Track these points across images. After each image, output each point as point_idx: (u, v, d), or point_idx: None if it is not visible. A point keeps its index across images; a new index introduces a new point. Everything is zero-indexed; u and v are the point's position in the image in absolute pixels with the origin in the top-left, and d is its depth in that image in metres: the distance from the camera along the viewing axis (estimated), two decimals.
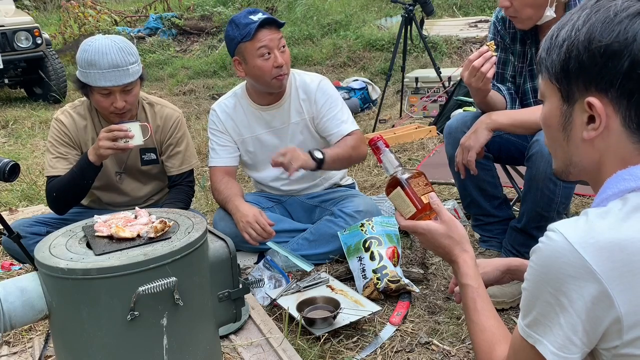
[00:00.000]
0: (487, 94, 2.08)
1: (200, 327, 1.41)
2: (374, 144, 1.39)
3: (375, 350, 1.89)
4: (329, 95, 2.49)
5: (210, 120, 2.60)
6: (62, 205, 2.34)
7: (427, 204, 1.30)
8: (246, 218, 2.34)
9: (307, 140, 2.53)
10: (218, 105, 2.59)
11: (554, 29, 1.00)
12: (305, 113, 2.50)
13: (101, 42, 2.16)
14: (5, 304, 1.27)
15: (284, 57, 2.35)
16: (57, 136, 2.33)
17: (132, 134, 2.15)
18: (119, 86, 2.16)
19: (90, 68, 2.13)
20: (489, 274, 1.39)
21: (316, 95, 2.48)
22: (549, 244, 0.89)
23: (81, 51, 2.17)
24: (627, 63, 0.89)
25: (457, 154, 2.09)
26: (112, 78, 2.13)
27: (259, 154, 2.58)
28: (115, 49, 2.14)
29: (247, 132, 2.54)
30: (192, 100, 6.90)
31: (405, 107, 5.45)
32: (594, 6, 0.94)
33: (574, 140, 0.98)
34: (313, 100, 2.48)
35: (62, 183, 2.25)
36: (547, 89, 1.01)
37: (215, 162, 2.57)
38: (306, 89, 2.50)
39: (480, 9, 9.04)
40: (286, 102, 2.50)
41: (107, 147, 2.13)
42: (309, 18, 8.82)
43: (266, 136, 2.54)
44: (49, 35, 7.98)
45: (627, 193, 0.91)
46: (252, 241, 2.35)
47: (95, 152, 2.17)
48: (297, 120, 2.51)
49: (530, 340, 0.93)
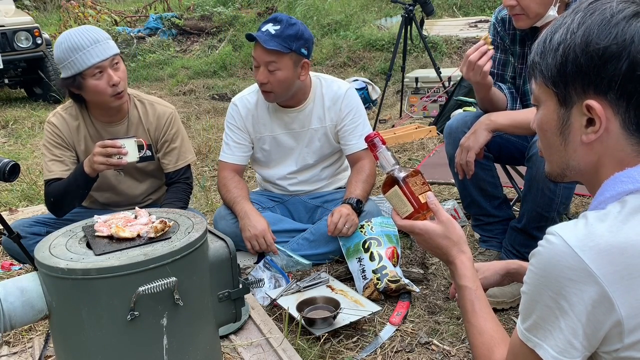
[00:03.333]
0: (489, 88, 2.08)
1: (200, 327, 1.41)
2: (371, 140, 1.36)
3: (375, 350, 1.89)
4: (354, 106, 2.50)
5: (229, 113, 2.58)
6: (60, 209, 2.34)
7: (424, 204, 1.29)
8: (255, 230, 2.34)
9: (324, 147, 2.55)
10: (240, 99, 2.57)
11: (546, 33, 0.99)
12: (327, 120, 2.50)
13: (71, 31, 2.20)
14: (5, 304, 1.27)
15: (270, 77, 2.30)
16: (51, 139, 2.33)
17: (125, 150, 2.14)
18: (107, 59, 2.17)
19: (74, 53, 2.14)
20: (489, 278, 1.38)
21: (342, 104, 2.48)
22: (548, 247, 0.89)
23: (57, 48, 2.18)
24: (625, 65, 0.89)
25: (457, 154, 2.09)
26: (98, 52, 2.15)
27: (273, 152, 2.59)
28: (88, 29, 2.20)
29: (265, 130, 2.54)
30: (192, 100, 6.90)
31: (405, 107, 5.45)
32: (588, 9, 0.94)
33: (572, 143, 0.98)
34: (338, 109, 2.49)
35: (59, 190, 2.26)
36: (542, 93, 1.00)
37: (226, 157, 2.57)
38: (333, 96, 2.49)
39: (480, 9, 9.04)
40: (308, 107, 2.50)
41: (101, 162, 2.14)
42: (309, 18, 8.81)
43: (284, 137, 2.55)
44: (49, 35, 7.97)
45: (624, 195, 0.91)
46: (252, 251, 2.38)
47: (90, 165, 2.18)
48: (317, 127, 2.52)
49: (530, 344, 0.93)
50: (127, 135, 2.29)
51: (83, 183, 2.24)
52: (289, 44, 2.27)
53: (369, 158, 2.48)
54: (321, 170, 2.62)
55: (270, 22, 2.31)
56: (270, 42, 2.25)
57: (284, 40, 2.26)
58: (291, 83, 2.36)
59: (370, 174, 2.47)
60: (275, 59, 2.28)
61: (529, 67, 1.05)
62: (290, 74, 2.33)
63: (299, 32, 2.29)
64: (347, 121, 2.49)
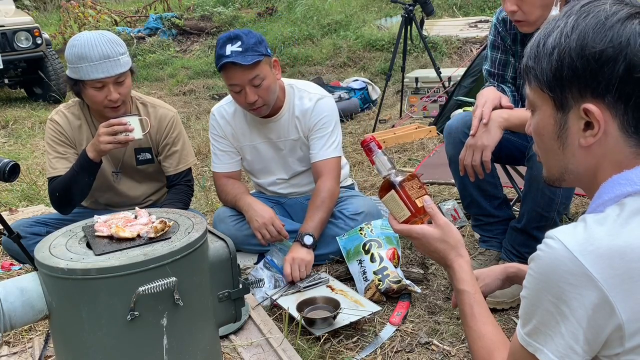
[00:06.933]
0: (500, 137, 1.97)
1: (200, 327, 1.41)
2: (367, 145, 1.36)
3: (375, 351, 1.89)
4: (322, 116, 2.46)
5: (210, 124, 2.59)
6: (66, 204, 2.33)
7: (421, 208, 1.29)
8: (262, 219, 2.33)
9: (307, 155, 2.53)
10: (217, 109, 2.57)
11: (538, 37, 0.98)
12: (300, 131, 2.49)
13: (89, 36, 2.16)
14: (5, 304, 1.27)
15: (260, 92, 2.28)
16: (54, 136, 2.32)
17: (131, 127, 2.14)
18: (111, 77, 2.15)
19: (81, 62, 2.12)
20: (490, 284, 1.38)
21: (311, 115, 2.46)
22: (548, 251, 0.89)
23: (69, 47, 2.17)
24: (622, 67, 0.88)
25: (466, 155, 1.99)
26: (104, 69, 2.13)
27: (256, 162, 2.58)
28: (104, 41, 2.15)
29: (245, 140, 2.54)
30: (192, 100, 6.90)
31: (405, 107, 5.44)
32: (581, 11, 0.93)
33: (570, 147, 0.97)
34: (308, 120, 2.46)
35: (63, 182, 2.25)
36: (538, 98, 0.99)
37: (217, 167, 2.58)
38: (303, 108, 2.47)
39: (480, 9, 9.04)
40: (284, 117, 2.48)
41: (107, 141, 2.12)
42: (309, 18, 8.82)
43: (262, 146, 2.54)
44: (49, 35, 7.97)
45: (623, 198, 0.90)
46: (263, 241, 2.36)
47: (95, 148, 2.17)
48: (296, 137, 2.50)
49: (530, 349, 0.93)
50: (131, 113, 2.27)
51: (88, 170, 2.22)
52: (259, 51, 2.25)
53: (328, 174, 2.42)
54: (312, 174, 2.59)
55: (227, 43, 2.23)
56: (247, 57, 2.21)
57: (254, 50, 2.23)
58: (274, 87, 2.35)
59: (328, 196, 2.37)
60: (257, 71, 2.24)
61: (522, 71, 1.03)
62: (272, 79, 2.32)
63: (257, 37, 2.28)
64: (314, 130, 2.46)
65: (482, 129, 1.95)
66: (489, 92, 2.04)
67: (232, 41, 2.23)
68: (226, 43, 2.24)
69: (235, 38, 2.24)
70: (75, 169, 2.23)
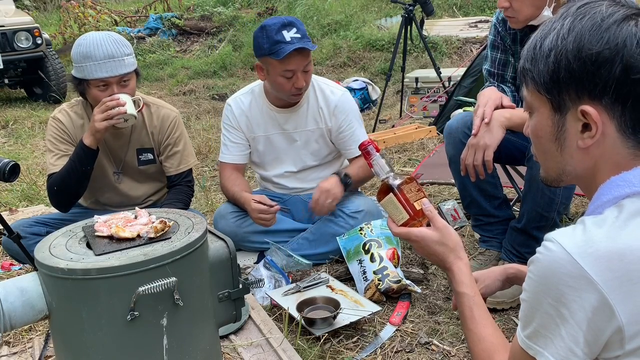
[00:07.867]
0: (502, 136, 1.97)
1: (200, 327, 1.41)
2: (364, 148, 1.36)
3: (375, 351, 1.89)
4: (348, 112, 2.50)
5: (224, 114, 2.60)
6: (65, 198, 2.32)
7: (419, 210, 1.29)
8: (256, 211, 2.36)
9: (322, 148, 2.56)
10: (234, 100, 2.58)
11: (535, 39, 0.98)
12: (323, 123, 2.51)
13: (95, 35, 2.18)
14: (5, 304, 1.27)
15: (306, 77, 2.35)
16: (56, 134, 2.32)
17: (123, 101, 2.14)
18: (115, 76, 2.15)
19: (86, 60, 2.13)
20: (490, 286, 1.37)
21: (335, 109, 2.49)
22: (547, 254, 0.88)
23: (76, 46, 2.17)
24: (619, 69, 0.88)
25: (467, 155, 1.98)
26: (109, 69, 2.14)
27: (268, 153, 2.59)
28: (110, 41, 2.15)
29: (259, 130, 2.55)
30: (192, 100, 6.90)
31: (405, 107, 5.45)
32: (577, 13, 0.93)
33: (568, 149, 0.97)
34: (332, 113, 2.49)
35: (61, 175, 2.24)
36: (535, 100, 0.99)
37: (225, 157, 2.59)
38: (327, 100, 2.50)
39: (480, 9, 9.04)
40: (303, 107, 2.50)
41: (101, 119, 2.12)
42: (309, 18, 8.82)
43: (277, 137, 2.55)
44: (49, 36, 7.97)
45: (621, 199, 0.90)
46: (267, 224, 2.39)
47: (91, 132, 2.17)
48: (314, 128, 2.52)
49: (530, 352, 0.92)
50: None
51: (85, 158, 2.21)
52: (310, 39, 2.35)
53: None
54: (322, 170, 2.62)
55: (283, 30, 2.26)
56: (308, 43, 2.29)
57: (309, 38, 2.33)
58: None
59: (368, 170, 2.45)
60: (310, 57, 2.33)
61: (519, 73, 1.03)
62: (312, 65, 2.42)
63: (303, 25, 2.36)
64: (344, 127, 2.49)
65: (484, 128, 1.95)
66: (490, 92, 2.04)
67: (287, 27, 2.27)
68: (281, 29, 2.26)
69: (289, 25, 2.28)
70: (73, 158, 2.23)
